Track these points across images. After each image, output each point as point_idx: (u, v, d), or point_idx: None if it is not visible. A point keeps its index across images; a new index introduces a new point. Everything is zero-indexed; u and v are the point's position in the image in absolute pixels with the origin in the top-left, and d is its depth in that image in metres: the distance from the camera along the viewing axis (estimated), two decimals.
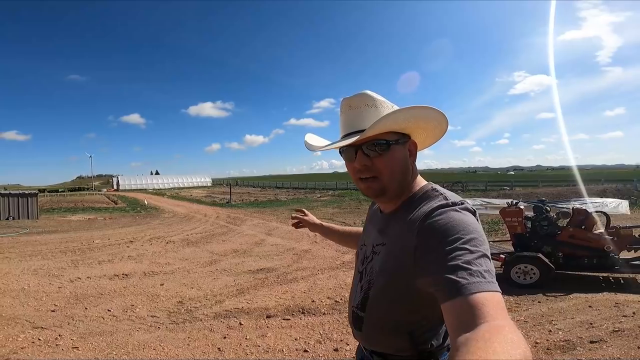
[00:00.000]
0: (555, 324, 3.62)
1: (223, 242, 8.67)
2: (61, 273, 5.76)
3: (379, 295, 0.88)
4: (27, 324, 3.62)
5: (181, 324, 3.68)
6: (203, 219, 13.68)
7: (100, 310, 4.04)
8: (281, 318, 3.81)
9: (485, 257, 0.67)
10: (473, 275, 0.63)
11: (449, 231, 0.71)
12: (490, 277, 0.64)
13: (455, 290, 0.62)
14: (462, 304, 0.60)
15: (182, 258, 6.99)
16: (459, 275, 0.63)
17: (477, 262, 0.65)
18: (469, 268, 0.64)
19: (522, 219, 5.21)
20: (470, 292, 0.60)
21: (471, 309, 0.58)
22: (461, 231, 0.70)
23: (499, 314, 0.57)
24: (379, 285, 0.87)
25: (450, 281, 0.63)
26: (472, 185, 30.11)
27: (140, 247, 8.24)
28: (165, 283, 5.23)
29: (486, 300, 0.59)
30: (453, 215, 0.74)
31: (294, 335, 3.40)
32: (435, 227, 0.73)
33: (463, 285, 0.61)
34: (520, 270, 4.81)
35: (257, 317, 3.86)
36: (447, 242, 0.69)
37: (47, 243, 8.72)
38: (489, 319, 0.56)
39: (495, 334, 0.51)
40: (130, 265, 6.35)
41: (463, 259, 0.65)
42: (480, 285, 0.61)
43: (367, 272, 0.94)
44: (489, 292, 0.61)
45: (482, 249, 0.69)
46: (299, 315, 3.90)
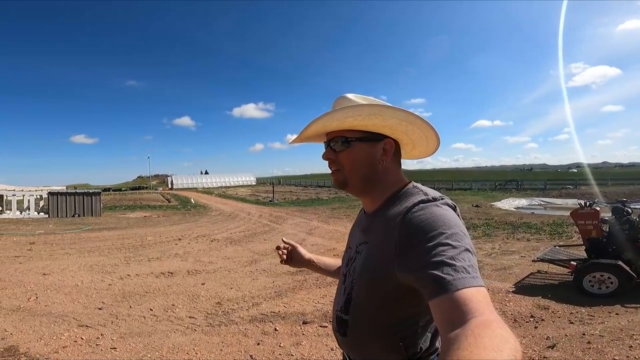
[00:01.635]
0: (636, 339, 3.10)
1: (264, 241, 8.71)
2: (114, 270, 6.06)
3: (362, 295, 0.85)
4: (73, 321, 3.76)
5: (217, 326, 3.61)
6: (247, 217, 13.98)
7: (143, 310, 4.12)
8: (318, 325, 3.61)
9: (467, 252, 0.67)
10: (458, 270, 0.62)
11: (430, 226, 0.70)
12: (474, 272, 0.63)
13: (441, 287, 0.61)
14: (449, 301, 0.59)
15: (224, 257, 7.08)
16: (444, 272, 0.62)
17: (460, 257, 0.64)
18: (453, 264, 0.63)
19: (599, 222, 4.54)
20: (456, 288, 0.60)
21: (458, 305, 0.58)
22: (442, 226, 0.69)
23: (485, 308, 0.57)
24: (361, 284, 0.85)
25: (436, 278, 0.62)
26: (528, 183, 27.86)
27: (187, 244, 8.52)
28: (207, 282, 5.27)
29: (472, 295, 0.59)
30: (434, 211, 0.74)
31: (330, 344, 3.16)
32: (416, 223, 0.73)
33: (448, 281, 0.61)
34: (595, 279, 4.20)
35: (293, 322, 3.69)
36: (429, 238, 0.68)
37: (105, 239, 9.35)
38: (477, 314, 0.55)
39: (484, 329, 0.51)
40: (176, 263, 6.53)
41: (447, 255, 0.64)
42: (465, 280, 0.61)
43: (350, 273, 0.92)
44: (474, 288, 0.60)
45: (464, 243, 0.68)
46: None
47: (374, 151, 0.88)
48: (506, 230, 9.28)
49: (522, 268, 5.50)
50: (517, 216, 12.17)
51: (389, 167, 0.89)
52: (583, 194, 18.46)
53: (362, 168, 0.88)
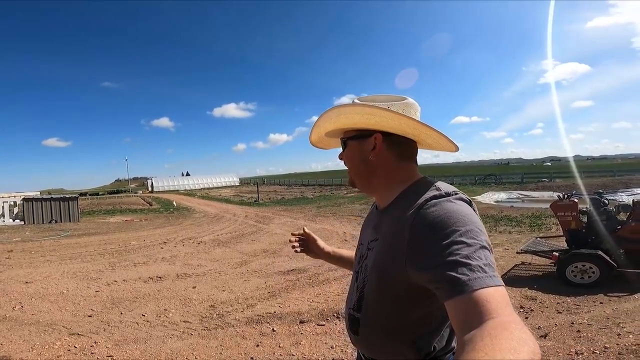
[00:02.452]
0: (623, 326, 3.24)
1: (253, 242, 8.65)
2: (99, 276, 5.89)
3: (373, 293, 0.84)
4: (64, 330, 3.64)
5: (213, 330, 3.57)
6: (232, 219, 13.83)
7: (135, 315, 4.03)
8: (315, 324, 3.63)
9: (484, 249, 0.64)
10: (474, 270, 0.60)
11: (443, 223, 0.68)
12: (491, 270, 0.61)
13: (456, 288, 0.59)
14: (465, 302, 0.58)
15: (213, 259, 7.00)
16: (459, 272, 0.60)
17: (476, 255, 0.62)
18: (469, 263, 0.61)
19: (577, 213, 4.75)
20: (472, 289, 0.58)
21: (475, 306, 0.56)
22: (456, 222, 0.67)
23: (504, 309, 0.55)
24: (372, 282, 0.84)
25: (451, 278, 0.60)
26: (506, 177, 28.73)
27: (173, 248, 8.37)
28: (198, 286, 5.20)
29: (490, 295, 0.57)
30: (447, 206, 0.71)
31: (329, 342, 3.20)
32: (429, 219, 0.70)
33: (464, 282, 0.59)
34: (577, 269, 4.38)
35: (290, 322, 3.70)
36: (442, 236, 0.66)
37: (86, 245, 9.05)
38: (495, 315, 0.54)
39: (502, 331, 0.49)
40: (164, 267, 6.41)
41: (462, 254, 0.62)
42: (482, 280, 0.59)
43: (362, 270, 0.91)
44: (492, 287, 0.58)
45: (480, 240, 0.65)
46: (333, 320, 3.70)
47: (364, 147, 0.89)
48: (488, 223, 9.55)
49: (507, 260, 5.69)
50: (498, 210, 12.54)
51: (383, 161, 0.88)
52: (558, 187, 19.21)
53: (357, 166, 0.91)
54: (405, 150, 0.89)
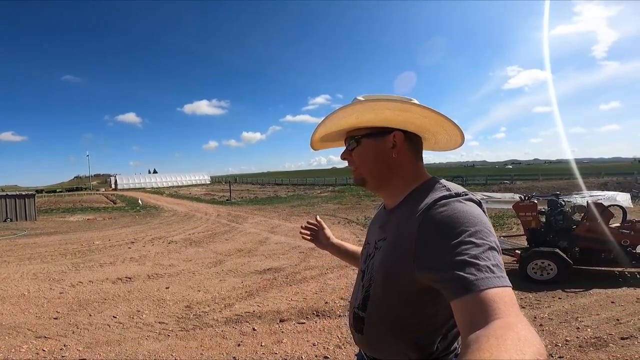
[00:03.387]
0: (581, 320, 3.51)
1: (226, 241, 8.52)
2: (62, 277, 5.58)
3: (379, 292, 0.83)
4: (29, 333, 3.45)
5: (191, 330, 3.51)
6: (204, 218, 13.51)
7: (105, 317, 3.87)
8: (295, 322, 3.66)
9: (492, 250, 0.64)
10: (481, 270, 0.60)
11: (452, 223, 0.68)
12: (500, 271, 0.61)
13: (463, 288, 0.59)
14: (471, 302, 0.58)
15: (185, 259, 6.83)
16: (466, 271, 0.60)
17: (484, 255, 0.62)
18: (477, 263, 0.61)
19: (537, 214, 5.09)
20: (479, 289, 0.58)
21: (482, 306, 0.56)
22: (466, 223, 0.67)
23: (510, 310, 0.55)
24: (379, 281, 0.83)
25: (458, 278, 0.60)
26: (471, 179, 30.03)
27: (142, 248, 8.07)
28: (171, 286, 5.06)
29: (497, 296, 0.57)
30: (456, 207, 0.71)
31: (311, 340, 3.24)
32: (438, 219, 0.71)
33: (472, 281, 0.59)
34: (537, 266, 4.69)
35: (270, 321, 3.70)
36: (451, 236, 0.66)
37: (46, 245, 8.53)
38: (501, 315, 0.54)
39: (508, 331, 0.49)
40: (133, 268, 6.18)
41: (470, 254, 0.62)
42: (489, 280, 0.59)
43: (368, 269, 0.90)
44: (499, 288, 0.58)
45: (488, 241, 0.65)
46: (313, 318, 3.75)
47: (382, 145, 0.87)
48: None
49: None
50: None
51: (403, 160, 0.87)
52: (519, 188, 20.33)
53: (374, 164, 0.88)
54: (418, 148, 0.90)
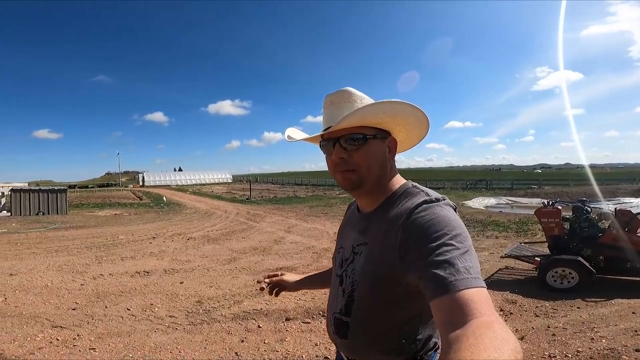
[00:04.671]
0: (597, 331, 3.34)
1: (243, 240, 8.66)
2: (85, 269, 5.85)
3: (365, 297, 0.84)
4: (46, 322, 3.63)
5: (199, 325, 3.59)
6: (223, 215, 13.79)
7: (120, 309, 4.03)
8: (301, 321, 3.67)
9: (469, 253, 0.67)
10: (460, 271, 0.62)
11: (434, 227, 0.71)
12: (475, 272, 0.64)
13: (442, 287, 0.61)
14: (450, 301, 0.60)
15: (202, 255, 6.99)
16: (446, 272, 0.63)
17: (463, 258, 0.65)
18: (455, 264, 0.64)
19: (560, 220, 4.86)
20: (457, 289, 0.60)
21: (459, 305, 0.58)
22: (446, 227, 0.70)
23: (486, 309, 0.57)
24: (364, 286, 0.84)
25: (438, 277, 0.63)
26: (496, 183, 29.11)
27: (162, 243, 8.34)
28: (185, 281, 5.20)
29: (474, 296, 0.59)
30: (437, 211, 0.75)
31: (314, 340, 3.24)
32: (421, 223, 0.73)
33: (450, 282, 0.61)
34: (557, 274, 4.49)
35: (275, 319, 3.73)
36: (433, 238, 0.69)
37: (73, 238, 8.96)
38: (478, 315, 0.56)
39: (486, 330, 0.51)
40: (151, 262, 6.39)
41: (449, 255, 0.65)
42: (466, 281, 0.61)
43: (347, 274, 0.90)
44: (475, 288, 0.61)
45: (466, 245, 0.69)
46: (319, 318, 3.75)
47: (383, 148, 0.87)
48: (476, 228, 9.69)
49: (492, 264, 5.79)
50: (487, 214, 12.71)
51: (392, 164, 0.90)
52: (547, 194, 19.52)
53: (377, 168, 0.86)
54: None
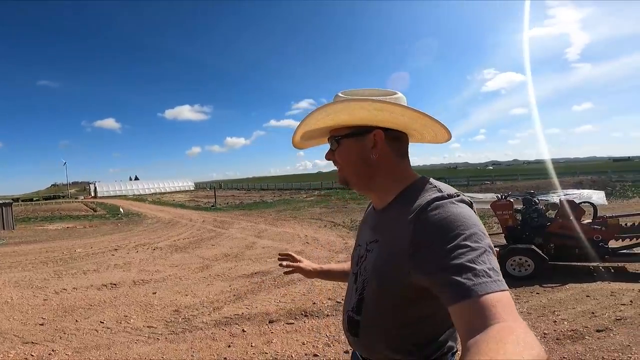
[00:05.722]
0: (558, 314, 3.67)
1: (213, 247, 8.49)
2: (45, 284, 5.48)
3: (374, 295, 0.82)
4: (16, 339, 3.41)
5: (181, 333, 3.53)
6: (189, 224, 13.37)
7: (92, 322, 3.85)
8: (284, 322, 3.72)
9: (488, 253, 0.64)
10: (478, 275, 0.59)
11: (447, 227, 0.67)
12: (496, 275, 0.60)
13: (461, 293, 0.58)
14: (470, 307, 0.57)
15: (171, 265, 6.78)
16: (463, 277, 0.59)
17: (480, 259, 0.62)
18: (474, 267, 0.60)
19: (513, 212, 5.30)
20: (477, 294, 0.57)
21: (480, 311, 0.56)
22: (460, 226, 0.66)
23: (509, 314, 0.54)
24: (373, 284, 0.82)
25: (455, 283, 0.60)
26: (454, 181, 30.70)
27: (126, 254, 7.97)
28: (158, 291, 5.04)
29: (495, 300, 0.56)
30: (450, 209, 0.70)
31: (300, 339, 3.32)
32: (432, 222, 0.69)
33: (469, 287, 0.58)
34: (515, 263, 4.86)
35: (259, 322, 3.75)
36: (446, 239, 0.65)
37: (26, 254, 8.30)
38: (500, 319, 0.53)
39: (508, 335, 0.49)
40: (118, 274, 6.11)
41: (466, 258, 0.61)
42: (487, 285, 0.58)
43: (361, 272, 0.89)
44: (497, 293, 0.57)
45: (484, 244, 0.64)
46: (302, 318, 3.82)
47: (363, 145, 0.84)
48: None
49: None
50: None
51: (385, 160, 0.84)
52: (499, 189, 20.90)
53: (355, 165, 0.86)
54: (402, 146, 0.87)
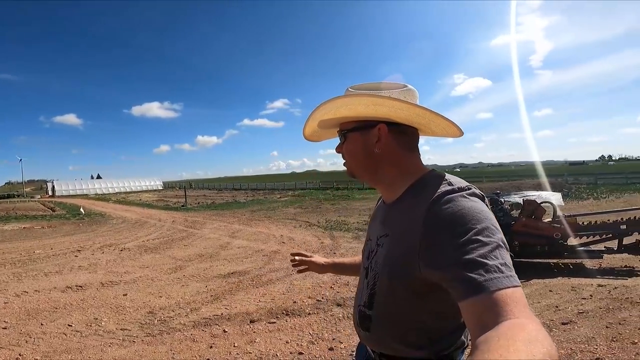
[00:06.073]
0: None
1: (185, 247, 8.22)
2: (4, 287, 5.09)
3: (385, 290, 0.82)
4: None
5: (158, 335, 3.38)
6: (158, 224, 12.87)
7: (59, 326, 3.61)
8: (266, 322, 3.67)
9: (500, 248, 0.63)
10: (490, 270, 0.58)
11: (458, 221, 0.66)
12: (508, 270, 0.60)
13: (472, 289, 0.58)
14: (481, 303, 0.56)
15: (142, 266, 6.50)
16: (474, 272, 0.59)
17: (492, 254, 0.61)
18: (485, 263, 0.59)
19: None
20: (489, 290, 0.56)
21: (491, 307, 0.55)
22: (471, 220, 0.65)
23: (521, 311, 0.53)
24: (384, 278, 0.81)
25: (466, 279, 0.59)
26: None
27: (91, 255, 7.55)
28: (129, 293, 4.81)
29: (507, 296, 0.55)
30: (461, 203, 0.69)
31: (284, 338, 3.28)
32: (443, 217, 0.68)
33: (480, 282, 0.57)
34: None
35: (240, 322, 3.67)
36: (457, 234, 0.64)
37: None
38: (512, 316, 0.52)
39: (519, 332, 0.48)
40: (83, 276, 5.78)
41: (477, 253, 0.60)
42: (498, 281, 0.57)
43: (372, 267, 0.88)
44: (508, 289, 0.56)
45: (496, 238, 0.63)
46: (283, 317, 3.78)
47: (367, 139, 0.84)
48: None
49: None
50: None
51: (390, 153, 0.84)
52: None
53: (359, 158, 0.87)
54: (410, 140, 0.86)
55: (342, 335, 3.28)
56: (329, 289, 4.67)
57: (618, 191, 17.09)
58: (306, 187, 33.53)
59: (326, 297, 4.37)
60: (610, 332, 3.09)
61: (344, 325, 3.51)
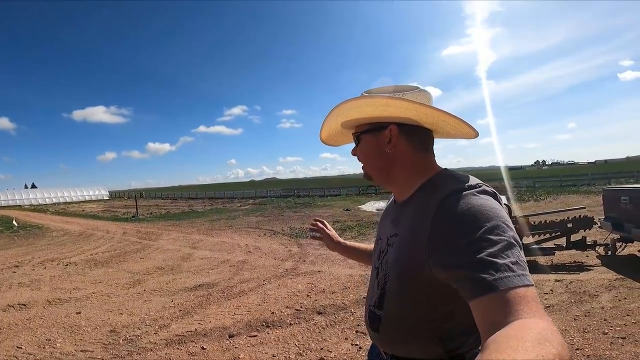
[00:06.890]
0: None
1: (142, 260, 7.63)
2: None
3: (396, 290, 0.81)
4: None
5: (127, 356, 3.04)
6: (106, 236, 11.87)
7: (7, 348, 3.15)
8: (246, 335, 3.45)
9: (512, 246, 0.61)
10: (500, 269, 0.57)
11: (467, 219, 0.65)
12: (520, 268, 0.58)
13: (482, 288, 0.57)
14: (490, 303, 0.55)
15: (93, 281, 5.91)
16: (484, 271, 0.57)
17: (503, 253, 0.59)
18: (495, 262, 0.58)
19: None
20: (498, 289, 0.55)
21: (501, 307, 0.54)
22: (481, 218, 0.64)
23: (532, 310, 0.52)
24: (394, 278, 0.81)
25: (475, 278, 0.58)
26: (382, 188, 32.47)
27: (32, 271, 6.75)
28: (83, 311, 4.33)
29: (517, 295, 0.54)
30: (471, 201, 0.68)
31: (269, 352, 3.09)
32: (452, 215, 0.68)
33: (490, 281, 0.56)
34: None
35: (218, 338, 3.42)
36: (467, 233, 0.63)
37: None
38: (522, 315, 0.51)
39: (529, 332, 0.47)
40: (25, 294, 5.13)
41: (487, 252, 0.59)
42: (509, 280, 0.56)
43: (382, 266, 0.87)
44: (519, 287, 0.55)
45: (506, 236, 0.62)
46: (264, 329, 3.59)
47: (379, 140, 0.85)
48: (375, 229, 10.63)
49: None
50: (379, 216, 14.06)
51: (402, 154, 0.85)
52: None
53: (373, 160, 0.88)
54: (422, 140, 0.86)
55: (330, 344, 3.17)
56: (306, 298, 4.54)
57: (554, 193, 18.86)
58: (267, 195, 32.95)
59: (305, 305, 4.24)
60: (579, 324, 3.30)
61: (329, 334, 3.40)
